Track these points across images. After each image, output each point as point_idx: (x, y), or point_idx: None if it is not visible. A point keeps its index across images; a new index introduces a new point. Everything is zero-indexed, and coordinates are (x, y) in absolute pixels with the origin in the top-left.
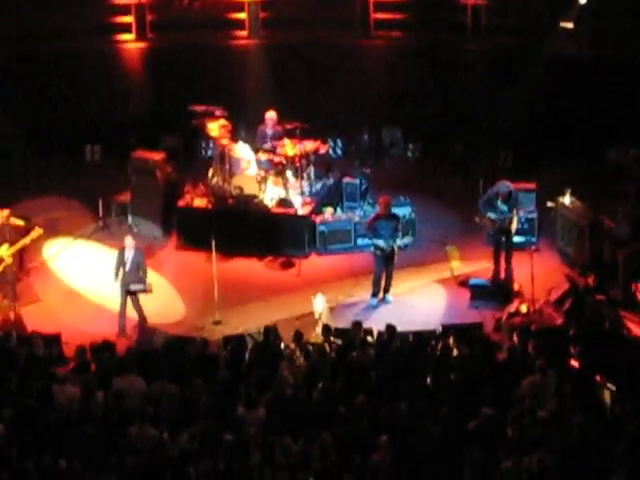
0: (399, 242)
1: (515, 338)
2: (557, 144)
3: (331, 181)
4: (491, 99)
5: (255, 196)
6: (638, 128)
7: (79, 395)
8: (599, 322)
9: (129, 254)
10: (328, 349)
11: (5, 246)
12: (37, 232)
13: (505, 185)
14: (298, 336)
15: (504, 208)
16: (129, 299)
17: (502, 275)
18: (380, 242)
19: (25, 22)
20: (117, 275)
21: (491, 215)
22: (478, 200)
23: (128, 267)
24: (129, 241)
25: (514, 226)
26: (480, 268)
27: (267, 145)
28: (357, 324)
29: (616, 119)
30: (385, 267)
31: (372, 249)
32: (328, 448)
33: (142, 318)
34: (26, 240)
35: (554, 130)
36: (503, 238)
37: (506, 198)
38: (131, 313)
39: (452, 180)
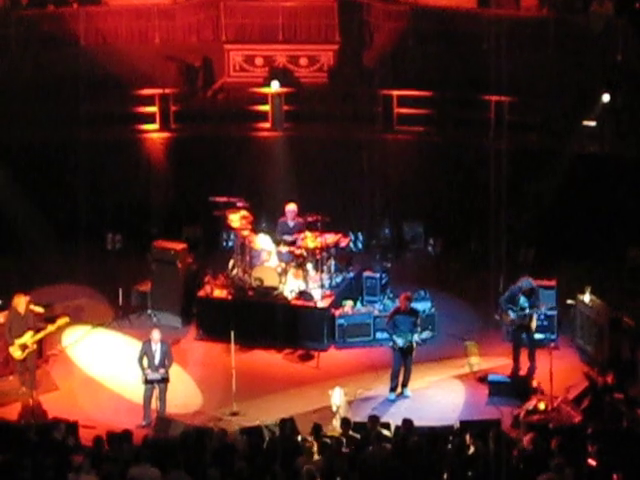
0: (417, 337)
1: (531, 436)
2: (578, 242)
3: (351, 274)
4: (513, 196)
5: (275, 288)
6: None
7: None
8: (617, 421)
9: (156, 347)
10: (345, 443)
11: (30, 333)
12: (63, 320)
13: (528, 281)
14: (316, 429)
15: (525, 304)
16: (157, 389)
17: (521, 372)
18: (399, 338)
19: (51, 108)
20: (141, 366)
21: (511, 313)
22: (499, 296)
23: (157, 360)
24: (156, 335)
25: (534, 323)
26: (499, 364)
27: (288, 237)
28: (374, 418)
29: (637, 217)
30: (404, 362)
31: (390, 343)
32: None
33: (163, 408)
34: (52, 328)
35: (575, 228)
36: (523, 335)
37: (528, 294)
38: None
39: (472, 276)
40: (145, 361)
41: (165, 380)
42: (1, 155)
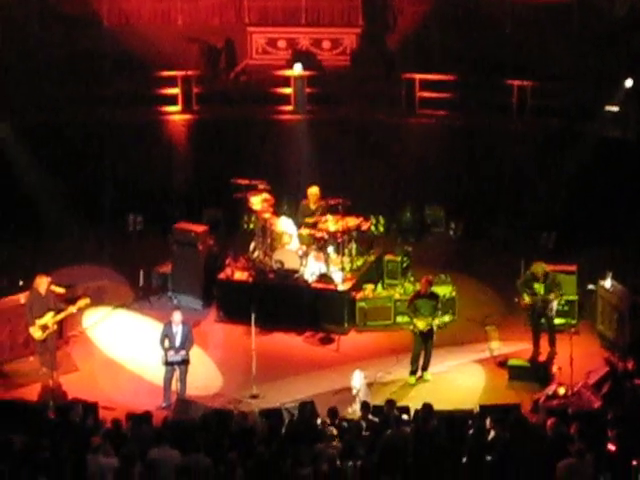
0: (438, 321)
1: (552, 421)
2: (600, 226)
3: (372, 258)
4: (535, 180)
5: (296, 271)
6: None
7: (113, 465)
8: (637, 406)
9: (177, 329)
10: (364, 426)
11: (51, 314)
12: (84, 301)
13: (540, 267)
14: (332, 413)
15: (540, 290)
16: (177, 371)
17: (541, 357)
18: (419, 321)
19: (74, 89)
20: (162, 348)
21: (526, 296)
22: (517, 280)
23: (178, 342)
24: (177, 316)
25: (554, 308)
26: (519, 349)
27: (309, 220)
28: (391, 402)
29: None
30: (424, 345)
31: (411, 327)
32: None
33: (183, 390)
34: (73, 309)
35: (597, 212)
36: (543, 320)
37: (543, 279)
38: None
39: (493, 260)
40: (166, 343)
41: (186, 362)
42: (24, 136)
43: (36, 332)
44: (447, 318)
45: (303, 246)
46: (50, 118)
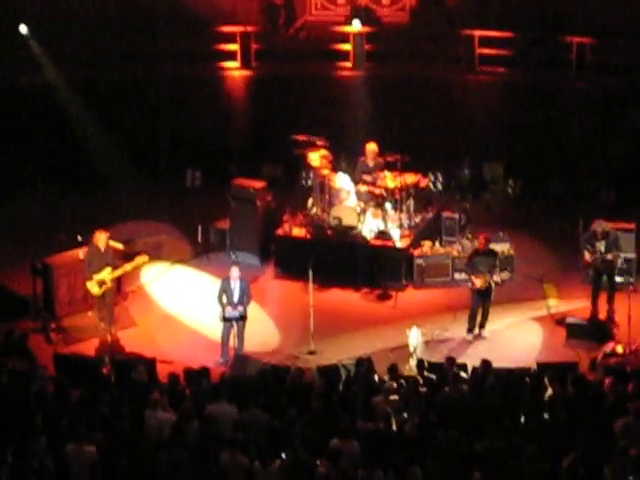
0: (496, 278)
1: (610, 380)
2: None
3: (430, 215)
4: (595, 138)
5: (354, 227)
6: None
7: (171, 420)
8: None
9: (235, 284)
10: (421, 383)
11: (108, 269)
12: (142, 259)
13: (600, 225)
14: (393, 369)
15: (601, 248)
16: (235, 327)
17: (599, 315)
18: (477, 279)
19: (132, 45)
20: (221, 304)
21: (587, 253)
22: (578, 238)
23: (236, 297)
24: (235, 272)
25: (617, 266)
26: (577, 307)
27: (367, 177)
28: (451, 359)
29: None
30: (482, 303)
31: (469, 284)
32: None
33: (241, 346)
34: (129, 267)
35: None
36: (605, 277)
37: (603, 237)
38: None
39: (552, 218)
40: (224, 299)
41: (243, 318)
42: (84, 90)
43: (93, 287)
44: (505, 275)
45: (361, 202)
46: (109, 73)
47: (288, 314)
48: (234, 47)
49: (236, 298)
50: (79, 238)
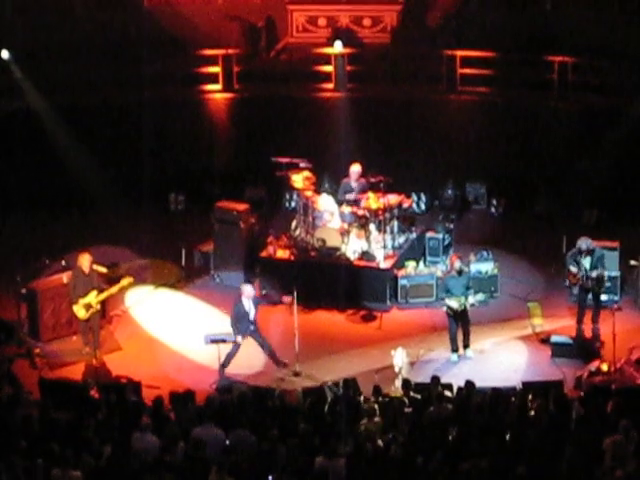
0: (471, 300)
1: (579, 398)
2: None
3: (414, 235)
4: (577, 157)
5: (338, 249)
6: None
7: (157, 443)
8: None
9: (249, 303)
10: (407, 403)
11: (94, 293)
12: (127, 280)
13: (585, 241)
14: (377, 390)
15: (586, 264)
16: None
17: (584, 333)
18: (452, 301)
19: (114, 69)
20: (235, 327)
21: (572, 269)
22: (562, 257)
23: (252, 315)
24: (248, 289)
25: (604, 284)
26: (562, 325)
27: (351, 198)
28: (435, 378)
29: None
30: (460, 324)
31: (444, 308)
32: None
33: (226, 364)
34: (115, 289)
35: (639, 189)
36: (590, 295)
37: (588, 254)
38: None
39: (535, 237)
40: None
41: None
42: (66, 115)
43: (80, 311)
44: (480, 297)
45: (345, 223)
46: (91, 98)
47: (273, 336)
48: (216, 70)
49: (252, 315)
50: (63, 263)
